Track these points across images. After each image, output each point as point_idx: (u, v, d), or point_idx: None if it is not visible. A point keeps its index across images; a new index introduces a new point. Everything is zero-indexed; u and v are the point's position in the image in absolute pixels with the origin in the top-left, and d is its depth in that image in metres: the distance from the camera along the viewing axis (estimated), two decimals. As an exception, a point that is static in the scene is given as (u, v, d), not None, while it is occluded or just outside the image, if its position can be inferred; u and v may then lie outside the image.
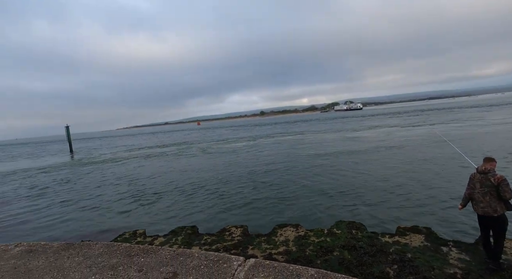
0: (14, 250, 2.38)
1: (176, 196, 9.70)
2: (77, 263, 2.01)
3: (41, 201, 10.89)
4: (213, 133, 57.78)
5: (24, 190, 13.56)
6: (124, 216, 8.24)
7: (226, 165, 15.31)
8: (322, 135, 28.88)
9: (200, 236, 6.14)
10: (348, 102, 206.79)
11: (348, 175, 10.38)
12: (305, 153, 16.69)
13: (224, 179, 11.72)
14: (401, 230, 5.09)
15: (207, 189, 10.30)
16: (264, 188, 9.66)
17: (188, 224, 6.90)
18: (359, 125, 38.71)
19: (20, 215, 9.29)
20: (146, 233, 6.61)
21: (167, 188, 11.13)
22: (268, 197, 8.63)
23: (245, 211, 7.63)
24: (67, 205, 9.96)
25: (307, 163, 13.56)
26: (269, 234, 5.62)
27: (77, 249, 2.28)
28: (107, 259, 2.02)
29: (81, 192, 11.84)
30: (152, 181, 12.87)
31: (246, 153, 19.53)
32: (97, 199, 10.42)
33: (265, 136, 34.29)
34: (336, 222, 5.82)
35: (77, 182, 14.65)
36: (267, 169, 13.02)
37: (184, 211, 8.16)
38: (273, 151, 19.51)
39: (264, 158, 16.49)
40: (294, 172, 11.74)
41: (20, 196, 12.24)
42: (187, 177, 13.04)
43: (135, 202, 9.60)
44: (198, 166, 15.81)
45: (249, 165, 14.59)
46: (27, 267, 2.05)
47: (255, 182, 10.63)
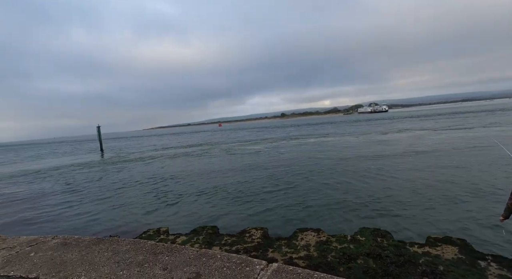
0: (51, 242, 2.55)
1: (198, 196, 9.90)
2: (106, 258, 2.10)
3: (73, 197, 11.64)
4: (234, 135, 58.42)
5: (59, 185, 14.57)
6: (149, 213, 8.54)
7: (248, 166, 15.36)
8: (346, 138, 27.93)
9: (220, 237, 6.20)
10: (372, 104, 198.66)
11: (373, 181, 9.93)
12: (328, 157, 16.23)
13: (245, 180, 11.77)
14: (432, 240, 4.77)
15: (228, 189, 10.40)
16: (284, 191, 9.56)
17: (209, 224, 7.00)
18: (386, 127, 37.03)
19: (55, 208, 9.99)
20: (169, 231, 6.78)
21: (189, 187, 11.39)
22: (289, 200, 8.52)
23: (265, 213, 7.60)
24: (96, 201, 10.54)
25: (329, 167, 13.17)
26: (289, 238, 5.53)
27: (107, 244, 2.39)
28: (134, 256, 2.09)
29: (109, 189, 12.48)
30: (176, 180, 13.25)
31: (267, 155, 19.47)
32: (123, 197, 10.91)
33: (286, 138, 33.98)
34: (359, 229, 5.59)
35: (105, 179, 15.47)
36: (288, 171, 12.87)
37: (205, 210, 8.29)
38: (295, 153, 19.21)
39: (285, 160, 16.31)
40: (316, 176, 11.49)
41: (56, 191, 13.16)
42: (209, 177, 13.27)
43: (159, 200, 9.92)
44: (219, 167, 16.03)
45: (270, 167, 14.53)
46: (62, 259, 2.18)
47: (275, 185, 10.55)
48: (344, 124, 58.10)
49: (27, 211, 9.94)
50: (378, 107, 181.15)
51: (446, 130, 26.19)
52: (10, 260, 2.23)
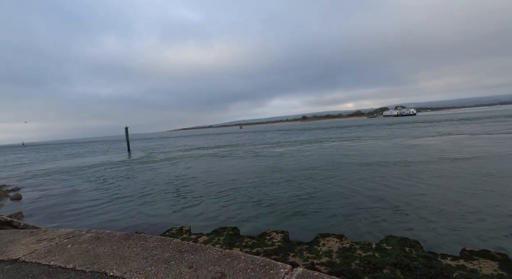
0: (86, 235, 2.71)
1: (219, 197, 10.03)
2: (135, 253, 2.19)
3: (102, 194, 12.31)
4: (256, 137, 58.67)
5: (90, 183, 15.51)
6: (172, 212, 8.80)
7: (270, 169, 15.32)
8: (372, 141, 26.73)
9: (241, 238, 6.22)
10: (399, 107, 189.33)
11: (403, 187, 9.41)
12: (353, 161, 15.66)
13: (267, 182, 11.75)
14: (467, 254, 4.43)
15: (250, 191, 10.45)
16: (307, 195, 9.41)
17: (229, 225, 7.06)
18: (416, 131, 35.06)
19: (86, 204, 10.64)
20: (191, 230, 6.93)
21: (212, 188, 11.58)
22: (311, 204, 8.37)
23: (286, 217, 7.52)
24: (123, 199, 11.07)
25: (354, 171, 12.69)
26: (310, 243, 5.42)
27: (135, 240, 2.49)
28: (161, 253, 2.16)
29: (135, 188, 13.05)
30: (198, 180, 13.55)
31: (290, 158, 19.26)
32: (148, 195, 11.35)
33: (309, 141, 33.43)
34: (385, 237, 5.34)
35: (132, 178, 16.21)
36: (310, 175, 12.65)
37: (226, 211, 8.38)
38: (318, 157, 18.79)
39: (308, 164, 16.03)
40: (340, 181, 11.17)
41: (87, 188, 14.02)
42: (231, 178, 13.41)
43: (181, 200, 10.20)
44: (242, 169, 16.15)
45: (292, 170, 14.39)
46: (96, 252, 2.30)
47: (297, 188, 10.42)
48: (370, 128, 55.86)
49: (63, 205, 10.68)
50: (405, 110, 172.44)
51: (487, 135, 24.22)
52: (51, 251, 2.41)
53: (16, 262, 2.24)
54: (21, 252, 2.43)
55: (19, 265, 2.19)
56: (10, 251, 2.46)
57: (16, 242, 2.69)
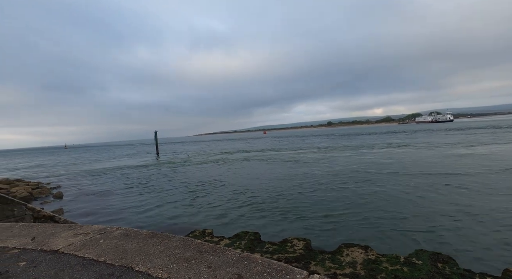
0: (116, 232, 2.91)
1: (243, 201, 10.12)
2: (159, 251, 2.31)
3: (131, 194, 13.02)
4: (280, 142, 58.46)
5: (121, 183, 16.47)
6: (195, 214, 9.04)
7: (295, 175, 15.12)
8: (406, 149, 25.00)
9: (262, 244, 6.22)
10: (434, 113, 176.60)
11: (438, 200, 8.68)
12: (385, 170, 14.76)
13: (292, 189, 11.60)
14: (510, 275, 4.02)
15: (273, 197, 10.41)
16: (332, 203, 9.15)
17: (251, 230, 7.08)
18: (455, 139, 32.29)
19: (117, 203, 11.32)
20: (213, 233, 7.07)
21: (236, 192, 11.71)
22: (335, 213, 8.13)
23: (309, 224, 7.38)
24: (151, 199, 11.60)
25: (385, 181, 12.00)
26: (333, 252, 5.26)
27: (160, 238, 2.63)
28: (182, 252, 2.25)
29: (162, 189, 13.62)
30: (224, 184, 13.78)
31: (317, 164, 18.78)
32: (174, 196, 11.78)
33: (336, 148, 32.48)
34: (415, 251, 5.02)
35: (159, 180, 16.95)
36: (337, 183, 12.23)
37: (248, 216, 8.43)
38: (347, 164, 18.01)
39: (336, 171, 15.48)
40: (369, 190, 10.67)
41: (118, 188, 14.90)
42: (255, 183, 13.46)
43: (206, 202, 10.44)
44: (267, 174, 16.13)
45: (319, 177, 14.05)
46: (124, 248, 2.47)
47: (322, 196, 10.16)
48: (402, 135, 52.59)
49: (96, 204, 11.47)
50: (441, 116, 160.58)
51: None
52: (85, 244, 2.63)
53: (56, 253, 2.49)
54: (60, 244, 2.68)
55: (59, 256, 2.42)
56: (52, 243, 2.73)
57: (57, 235, 2.97)
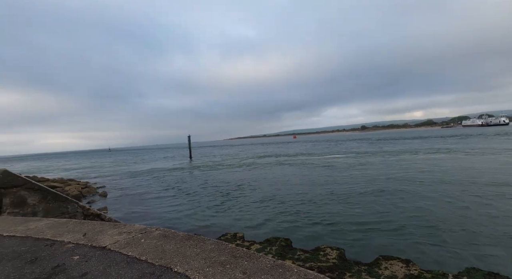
0: (155, 232, 3.07)
1: (273, 206, 10.06)
2: (195, 253, 2.38)
3: (166, 195, 13.67)
4: (311, 146, 57.34)
5: (157, 185, 17.41)
6: (226, 217, 9.18)
7: (326, 180, 14.65)
8: (455, 155, 22.53)
9: (293, 250, 6.10)
10: (484, 116, 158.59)
11: (494, 214, 7.68)
12: (428, 178, 13.50)
13: (323, 195, 11.26)
14: None
15: (304, 203, 10.19)
16: (366, 212, 8.69)
17: (282, 236, 7.00)
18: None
19: (154, 204, 11.97)
20: (244, 237, 7.11)
21: (267, 197, 11.67)
22: (370, 222, 7.69)
23: (342, 233, 7.07)
24: (183, 201, 12.06)
25: (429, 190, 10.98)
26: (370, 264, 4.97)
27: (195, 241, 2.71)
28: (217, 256, 2.30)
29: (195, 192, 14.10)
30: (257, 188, 13.84)
31: (351, 170, 17.92)
32: (205, 199, 12.12)
33: (372, 153, 30.84)
34: (466, 269, 4.54)
35: (192, 182, 17.59)
36: (374, 190, 11.53)
37: (279, 221, 8.35)
38: (384, 171, 16.90)
39: (372, 177, 14.67)
40: (409, 199, 9.87)
41: (154, 190, 15.76)
42: (286, 188, 13.32)
43: (237, 206, 10.58)
44: (299, 179, 15.86)
45: (353, 183, 13.43)
46: (163, 248, 2.59)
47: (357, 204, 9.68)
48: (451, 139, 47.31)
49: (137, 203, 12.26)
50: (493, 119, 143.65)
51: None
52: (129, 243, 2.82)
53: (104, 249, 2.70)
54: (107, 241, 2.91)
55: (106, 252, 2.63)
56: (100, 240, 2.97)
57: (104, 233, 3.23)
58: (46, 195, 5.44)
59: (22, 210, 5.10)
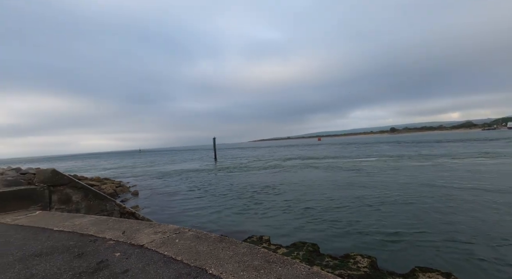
0: (188, 233, 3.16)
1: (299, 210, 9.92)
2: (229, 256, 2.41)
3: (193, 196, 14.06)
4: (338, 149, 55.82)
5: (185, 186, 17.98)
6: (253, 219, 9.21)
7: (355, 185, 14.11)
8: (503, 160, 20.47)
9: (321, 256, 5.96)
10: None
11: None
12: (470, 185, 12.40)
13: (351, 200, 10.86)
14: None
15: (331, 208, 9.92)
16: (400, 219, 8.23)
17: (309, 240, 6.87)
18: None
19: (182, 204, 12.37)
20: (270, 241, 7.08)
21: (293, 200, 11.54)
22: (404, 231, 7.28)
23: (372, 241, 6.77)
24: (209, 202, 12.31)
25: (471, 199, 10.03)
26: (405, 275, 4.70)
27: (228, 244, 2.75)
28: (251, 260, 2.31)
29: (221, 193, 14.35)
30: (280, 191, 13.76)
31: (382, 175, 17.09)
32: (230, 201, 12.26)
33: (404, 156, 29.11)
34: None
35: (217, 183, 17.93)
36: (408, 197, 10.85)
37: (304, 226, 8.20)
38: (419, 176, 15.81)
39: (405, 183, 13.84)
40: (448, 207, 9.18)
41: (184, 190, 16.29)
42: (312, 192, 13.06)
43: (263, 208, 10.58)
44: (325, 182, 15.48)
45: (384, 188, 12.78)
46: (197, 249, 2.66)
47: (389, 210, 9.20)
48: (498, 142, 43.19)
49: (166, 203, 12.76)
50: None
51: None
52: (164, 242, 2.93)
53: (142, 248, 2.84)
54: (144, 240, 3.06)
55: (144, 251, 2.76)
56: (138, 238, 3.13)
57: (141, 231, 3.40)
58: (88, 193, 5.86)
59: (67, 207, 5.54)
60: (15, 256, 2.84)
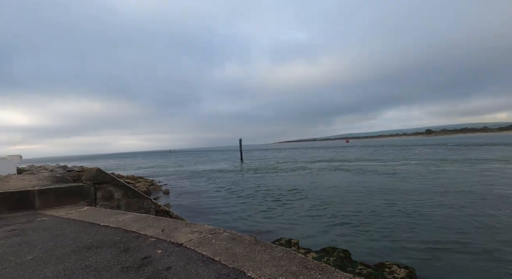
0: (223, 234, 3.24)
1: (329, 214, 9.68)
2: (265, 260, 2.43)
3: (220, 196, 14.35)
4: (370, 152, 53.58)
5: (212, 186, 18.42)
6: (278, 222, 9.16)
7: (389, 189, 13.39)
8: None
9: (353, 263, 5.76)
10: None
11: None
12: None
13: (384, 206, 10.36)
14: None
15: (362, 213, 9.54)
16: (441, 228, 7.68)
17: (339, 246, 6.68)
18: None
19: (208, 203, 12.70)
20: (299, 244, 7.00)
21: (321, 204, 11.29)
22: (446, 240, 6.78)
23: (409, 250, 6.40)
24: (235, 203, 12.47)
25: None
26: (449, 291, 4.36)
27: (263, 247, 2.77)
28: (288, 265, 2.30)
29: (249, 194, 14.47)
30: (308, 194, 13.56)
31: (420, 180, 15.96)
32: (257, 202, 12.30)
33: (446, 160, 27.00)
34: None
35: (244, 184, 18.11)
36: (451, 204, 10.06)
37: (334, 231, 7.99)
38: (462, 182, 14.49)
39: (447, 189, 12.83)
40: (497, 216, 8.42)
41: (212, 190, 16.71)
42: (342, 196, 12.64)
43: (291, 210, 10.49)
44: (356, 186, 14.87)
45: (422, 194, 11.99)
46: (233, 251, 2.72)
47: (428, 218, 8.61)
48: None
49: (195, 202, 13.19)
50: None
51: None
52: (201, 242, 3.04)
53: (181, 246, 2.97)
54: (183, 238, 3.20)
55: (183, 249, 2.88)
56: (176, 236, 3.28)
57: (178, 230, 3.56)
58: (127, 191, 6.26)
59: (110, 203, 5.97)
60: (70, 247, 3.12)
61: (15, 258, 2.88)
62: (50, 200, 5.29)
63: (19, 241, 3.46)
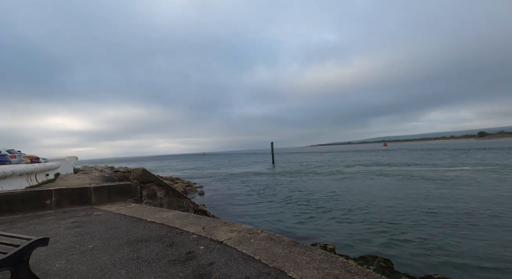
0: (261, 234, 3.29)
1: (368, 220, 9.23)
2: (305, 261, 2.42)
3: (252, 199, 14.46)
4: (417, 156, 49.93)
5: (245, 188, 18.67)
6: (313, 227, 8.95)
7: (442, 198, 12.26)
8: None
9: (396, 274, 5.41)
10: None
11: None
12: None
13: (434, 214, 9.52)
14: None
15: (408, 221, 8.90)
16: (496, 241, 6.88)
17: (380, 255, 6.32)
18: None
19: (240, 205, 12.87)
20: (335, 250, 6.76)
21: (360, 210, 10.77)
22: (501, 255, 6.03)
23: (457, 265, 5.82)
24: (267, 206, 12.46)
25: None
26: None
27: (303, 249, 2.76)
28: (329, 268, 2.26)
29: (281, 197, 14.38)
30: (345, 199, 13.05)
31: (478, 187, 14.48)
32: (290, 206, 12.16)
33: (504, 166, 24.00)
34: None
35: (276, 186, 18.07)
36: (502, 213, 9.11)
37: (374, 238, 7.57)
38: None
39: (507, 199, 11.48)
40: None
41: (241, 192, 16.95)
42: (384, 202, 11.89)
43: (327, 215, 10.20)
44: (401, 193, 13.85)
45: (480, 203, 10.88)
46: (272, 251, 2.75)
47: (483, 230, 7.77)
48: None
49: (228, 203, 13.50)
50: None
51: None
52: (241, 241, 3.13)
53: (221, 244, 3.10)
54: (222, 236, 3.32)
55: (224, 247, 3.00)
56: (216, 234, 3.42)
57: (218, 228, 3.70)
58: (169, 190, 6.66)
59: (153, 201, 6.41)
60: (123, 240, 3.43)
61: (79, 246, 3.25)
62: (103, 196, 5.87)
63: (81, 231, 3.89)
